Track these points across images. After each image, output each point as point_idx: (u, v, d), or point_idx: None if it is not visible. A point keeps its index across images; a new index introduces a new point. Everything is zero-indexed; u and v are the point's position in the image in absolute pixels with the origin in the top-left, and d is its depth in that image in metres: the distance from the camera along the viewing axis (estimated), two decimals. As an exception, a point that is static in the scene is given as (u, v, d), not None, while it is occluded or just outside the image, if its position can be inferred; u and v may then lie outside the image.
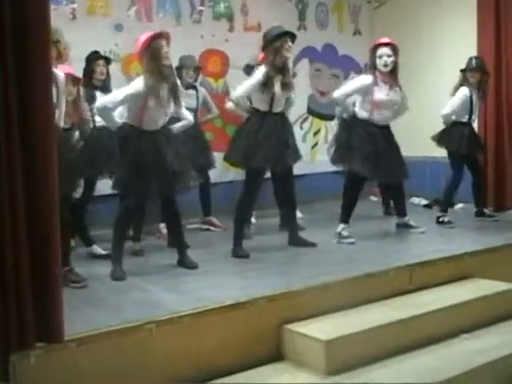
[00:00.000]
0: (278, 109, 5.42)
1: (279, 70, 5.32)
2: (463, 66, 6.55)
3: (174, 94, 4.93)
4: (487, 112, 7.05)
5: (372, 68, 5.85)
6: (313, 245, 5.62)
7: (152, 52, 4.76)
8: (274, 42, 5.30)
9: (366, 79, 5.85)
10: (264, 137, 5.29)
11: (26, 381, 3.28)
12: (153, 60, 4.76)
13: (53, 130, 3.36)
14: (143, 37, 4.82)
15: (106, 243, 5.40)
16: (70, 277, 4.51)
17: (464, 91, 6.50)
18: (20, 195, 3.20)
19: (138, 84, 4.79)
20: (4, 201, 3.15)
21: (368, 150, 5.67)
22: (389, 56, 5.71)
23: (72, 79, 4.91)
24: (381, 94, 5.74)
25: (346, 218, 5.85)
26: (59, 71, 4.46)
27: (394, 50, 5.74)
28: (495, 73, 6.97)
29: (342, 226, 5.82)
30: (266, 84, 5.28)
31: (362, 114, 5.80)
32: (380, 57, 5.73)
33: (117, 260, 4.83)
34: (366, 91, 5.77)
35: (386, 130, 5.87)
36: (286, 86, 5.38)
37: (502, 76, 7.00)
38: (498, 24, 6.98)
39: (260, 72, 5.32)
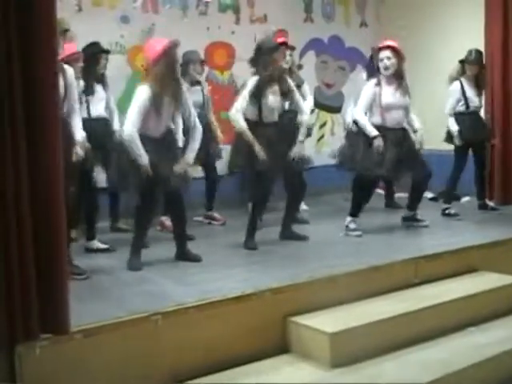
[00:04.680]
0: (270, 119, 5.39)
1: (274, 79, 5.32)
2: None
3: (176, 103, 4.87)
4: (494, 103, 7.01)
5: (377, 71, 5.84)
6: (304, 238, 5.61)
7: (169, 59, 4.72)
8: (269, 54, 5.29)
9: (370, 86, 5.80)
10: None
11: (31, 372, 3.29)
12: (168, 68, 4.72)
13: (59, 128, 3.36)
14: (160, 44, 4.76)
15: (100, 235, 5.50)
16: (70, 269, 4.51)
17: (454, 86, 6.54)
18: (24, 190, 3.20)
19: (145, 90, 4.74)
20: (9, 194, 3.15)
21: (379, 157, 5.61)
22: (388, 58, 5.69)
23: None
24: (387, 96, 5.71)
25: (354, 211, 5.84)
26: (68, 66, 4.47)
27: (395, 52, 5.70)
28: (502, 62, 6.93)
29: (349, 218, 5.81)
30: (255, 95, 5.30)
31: (373, 119, 5.74)
32: (381, 60, 5.73)
33: (136, 251, 4.86)
34: (374, 97, 5.74)
35: (400, 133, 5.79)
36: (285, 94, 5.40)
37: (509, 67, 6.96)
38: (505, 14, 6.93)
39: (251, 82, 5.33)
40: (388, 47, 5.73)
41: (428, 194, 7.70)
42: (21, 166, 3.18)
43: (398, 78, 5.74)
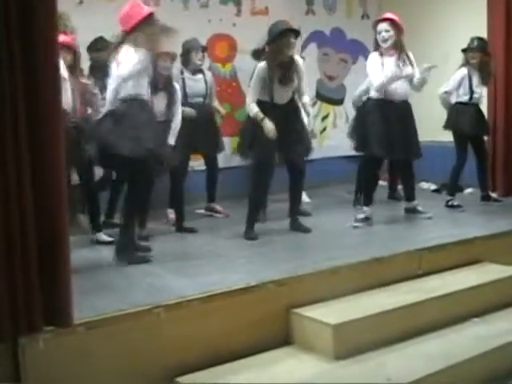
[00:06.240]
0: (281, 101, 5.41)
1: (281, 65, 5.33)
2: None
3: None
4: (497, 95, 6.99)
5: (375, 45, 5.85)
6: (307, 230, 5.59)
7: (151, 25, 4.69)
8: (277, 39, 5.29)
9: (375, 56, 5.78)
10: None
11: (34, 364, 3.30)
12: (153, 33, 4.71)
13: (61, 127, 3.35)
14: (140, 9, 4.73)
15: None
16: None
17: (461, 72, 6.50)
18: (26, 183, 3.20)
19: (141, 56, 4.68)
20: (11, 188, 3.14)
21: (383, 130, 5.63)
22: (387, 31, 5.69)
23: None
24: (390, 67, 5.68)
25: (367, 201, 5.85)
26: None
27: (393, 24, 5.70)
28: (505, 54, 6.90)
29: (364, 208, 5.83)
30: (265, 80, 5.31)
31: (377, 93, 5.75)
32: (379, 33, 5.73)
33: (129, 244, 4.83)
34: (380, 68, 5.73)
35: (403, 105, 5.80)
36: (287, 81, 5.38)
37: (511, 58, 6.94)
38: (508, 5, 6.90)
39: (259, 69, 5.33)
40: (386, 20, 5.73)
41: (431, 186, 7.72)
42: (23, 163, 3.17)
43: (397, 50, 5.72)
